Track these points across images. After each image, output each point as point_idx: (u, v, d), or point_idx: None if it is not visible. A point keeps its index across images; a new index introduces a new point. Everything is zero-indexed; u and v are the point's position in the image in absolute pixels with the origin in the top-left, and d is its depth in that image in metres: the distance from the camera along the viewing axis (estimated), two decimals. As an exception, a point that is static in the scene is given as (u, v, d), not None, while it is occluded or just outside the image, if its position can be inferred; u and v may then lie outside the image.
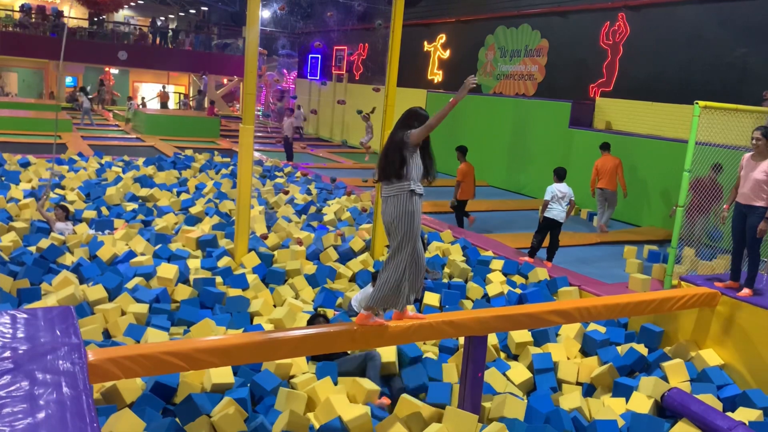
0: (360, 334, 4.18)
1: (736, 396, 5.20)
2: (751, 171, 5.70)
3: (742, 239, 5.87)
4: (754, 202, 5.66)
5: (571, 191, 8.49)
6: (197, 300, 6.41)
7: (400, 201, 4.06)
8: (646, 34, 12.80)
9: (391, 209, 4.08)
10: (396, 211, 4.06)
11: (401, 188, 4.07)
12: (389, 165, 4.09)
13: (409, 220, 4.05)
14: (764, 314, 5.44)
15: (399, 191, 4.07)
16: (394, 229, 4.09)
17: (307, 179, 13.76)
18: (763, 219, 5.60)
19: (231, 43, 31.81)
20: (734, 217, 5.92)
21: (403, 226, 4.05)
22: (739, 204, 5.81)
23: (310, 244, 8.36)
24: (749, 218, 5.69)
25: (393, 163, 4.07)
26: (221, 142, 20.84)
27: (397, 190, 4.07)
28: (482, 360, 4.65)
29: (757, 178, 5.63)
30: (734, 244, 5.99)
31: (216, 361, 3.82)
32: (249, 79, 7.34)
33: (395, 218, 4.06)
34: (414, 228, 4.07)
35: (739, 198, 5.83)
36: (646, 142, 11.92)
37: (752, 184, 5.66)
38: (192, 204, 10.11)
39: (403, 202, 4.06)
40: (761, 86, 10.63)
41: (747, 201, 5.72)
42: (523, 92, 15.99)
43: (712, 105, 7.03)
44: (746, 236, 5.76)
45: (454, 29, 18.63)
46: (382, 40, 19.07)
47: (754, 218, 5.66)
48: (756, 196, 5.65)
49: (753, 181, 5.65)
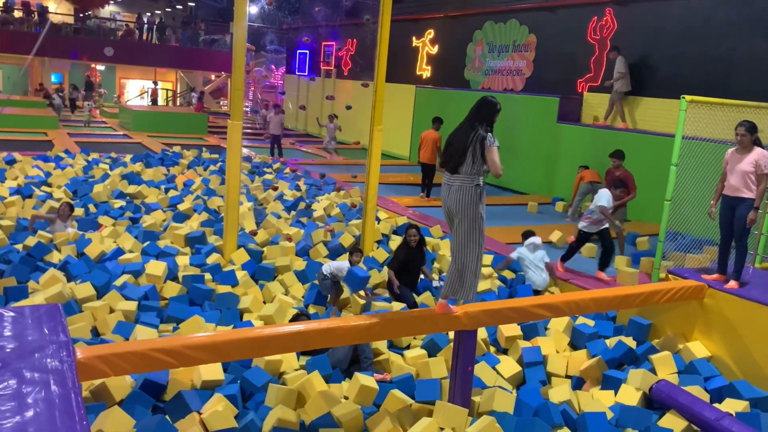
0: (349, 329, 4.18)
1: (723, 387, 5.26)
2: (737, 164, 5.76)
3: (730, 232, 5.93)
4: (742, 194, 5.73)
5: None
6: (186, 297, 6.39)
7: (466, 193, 4.17)
8: (633, 29, 12.85)
9: (455, 199, 4.20)
10: (463, 202, 4.17)
11: (469, 181, 4.18)
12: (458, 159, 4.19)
13: (476, 212, 4.18)
14: (750, 306, 5.50)
15: (464, 183, 4.19)
16: (458, 221, 4.21)
17: (296, 175, 13.73)
18: (751, 209, 5.66)
19: (218, 39, 31.66)
20: (722, 211, 5.98)
21: (466, 218, 4.18)
22: (727, 197, 5.87)
23: (300, 240, 8.34)
24: (737, 210, 5.77)
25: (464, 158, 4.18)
26: (209, 138, 20.75)
27: (463, 181, 4.19)
28: (472, 354, 4.66)
29: (744, 169, 5.70)
30: (722, 237, 6.05)
31: (205, 358, 3.81)
32: (237, 75, 7.30)
33: (461, 210, 4.18)
34: (478, 222, 4.20)
35: (726, 191, 5.89)
36: (634, 136, 11.98)
37: (739, 177, 5.73)
38: (180, 201, 10.07)
39: (470, 194, 4.17)
40: (747, 80, 10.72)
41: (734, 193, 5.78)
42: (511, 87, 16.02)
43: (699, 99, 7.08)
44: (734, 228, 5.82)
45: (442, 24, 18.62)
46: (370, 35, 19.04)
47: (742, 209, 5.73)
48: (744, 188, 5.72)
49: (740, 173, 5.72)
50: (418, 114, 18.01)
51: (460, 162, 4.20)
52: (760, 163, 5.64)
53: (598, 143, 12.38)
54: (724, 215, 5.95)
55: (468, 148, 4.18)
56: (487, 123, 4.29)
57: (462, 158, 4.19)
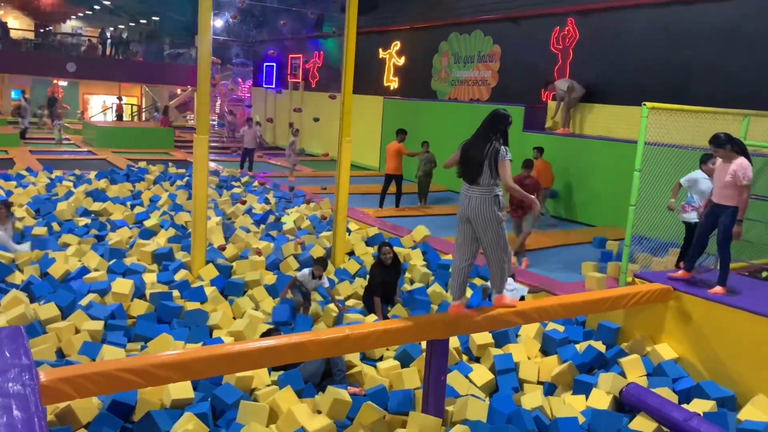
0: (320, 342, 4.16)
1: (690, 388, 5.35)
2: (720, 173, 5.90)
3: (707, 236, 6.10)
4: (725, 202, 5.85)
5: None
6: (154, 315, 6.29)
7: (485, 203, 4.48)
8: (594, 39, 13.13)
9: (475, 208, 4.50)
10: (484, 213, 4.48)
11: (488, 192, 4.48)
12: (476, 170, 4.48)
13: (498, 220, 4.49)
14: (714, 308, 5.61)
15: (482, 194, 4.49)
16: (483, 229, 4.52)
17: (265, 188, 13.64)
18: (734, 220, 5.79)
19: (183, 53, 31.40)
20: (707, 214, 6.14)
21: (489, 228, 4.49)
22: (713, 203, 6.03)
23: (270, 254, 8.28)
24: (720, 217, 5.90)
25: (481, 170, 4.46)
26: (176, 153, 20.52)
27: (482, 192, 4.49)
28: (444, 363, 4.67)
29: (725, 180, 5.82)
30: (698, 237, 6.17)
31: (174, 376, 3.74)
32: (202, 88, 7.24)
33: (484, 219, 4.49)
34: (500, 228, 4.52)
35: (713, 197, 6.05)
36: (598, 143, 12.20)
37: (721, 186, 5.88)
38: (146, 217, 9.92)
39: (490, 204, 4.47)
40: (706, 87, 11.02)
41: (718, 200, 5.93)
42: (477, 97, 16.20)
43: (659, 106, 7.25)
44: (717, 235, 5.95)
45: (408, 36, 18.77)
46: (337, 47, 19.11)
47: (723, 217, 5.87)
48: (725, 197, 5.84)
49: (722, 182, 5.87)
50: (386, 125, 18.09)
51: (478, 174, 4.47)
52: (738, 174, 5.68)
53: (564, 151, 12.58)
54: (707, 219, 6.09)
55: (484, 161, 4.44)
56: (501, 135, 4.54)
57: (479, 170, 4.46)
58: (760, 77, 10.30)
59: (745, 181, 5.67)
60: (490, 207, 4.47)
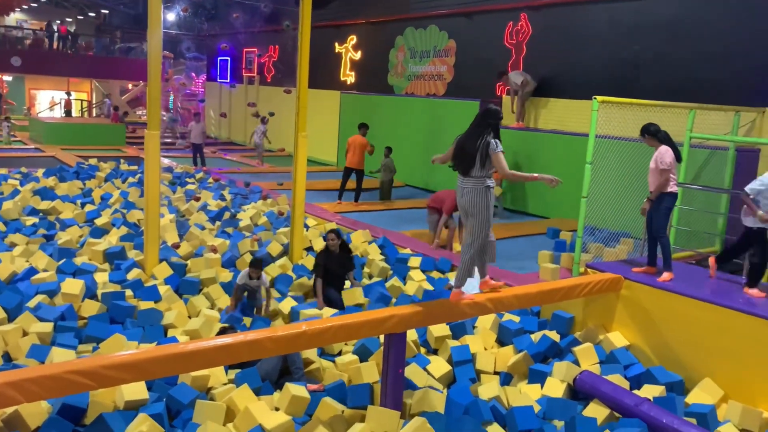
0: (277, 339, 4.13)
1: (641, 374, 5.49)
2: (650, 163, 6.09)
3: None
4: (652, 189, 6.05)
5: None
6: (106, 315, 6.14)
7: (478, 194, 4.72)
8: (547, 34, 13.34)
9: (468, 200, 4.75)
10: (476, 202, 4.72)
11: (480, 183, 4.71)
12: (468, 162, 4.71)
13: (486, 211, 4.74)
14: (662, 295, 5.77)
15: (476, 185, 4.72)
16: (472, 217, 4.77)
17: (220, 185, 13.44)
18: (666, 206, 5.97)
19: (135, 47, 30.64)
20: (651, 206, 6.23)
21: (479, 215, 4.74)
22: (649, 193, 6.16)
23: (226, 251, 8.17)
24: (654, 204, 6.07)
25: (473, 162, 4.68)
26: (128, 149, 20.06)
27: (474, 183, 4.72)
28: (402, 356, 4.69)
29: (651, 167, 6.06)
30: (648, 230, 6.33)
31: (127, 377, 3.66)
32: (153, 83, 7.09)
33: (475, 208, 4.73)
34: (489, 217, 4.78)
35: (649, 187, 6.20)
36: (550, 137, 12.41)
37: (650, 174, 6.08)
38: (98, 215, 9.67)
39: (481, 195, 4.72)
40: (654, 80, 11.31)
41: (650, 188, 6.11)
42: (434, 92, 16.28)
43: (609, 99, 7.42)
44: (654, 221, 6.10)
45: (364, 31, 18.73)
46: (291, 41, 18.91)
47: (656, 204, 6.04)
48: (652, 185, 6.05)
49: (650, 171, 6.08)
50: (344, 119, 18.03)
51: (470, 166, 4.71)
52: (657, 159, 5.95)
53: (518, 145, 12.75)
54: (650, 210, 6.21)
55: (476, 154, 4.67)
56: (492, 129, 4.76)
57: (472, 162, 4.70)
58: (705, 70, 10.63)
59: (662, 166, 5.89)
60: (482, 197, 4.72)
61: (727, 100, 9.66)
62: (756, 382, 5.08)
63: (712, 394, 5.18)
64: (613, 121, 7.73)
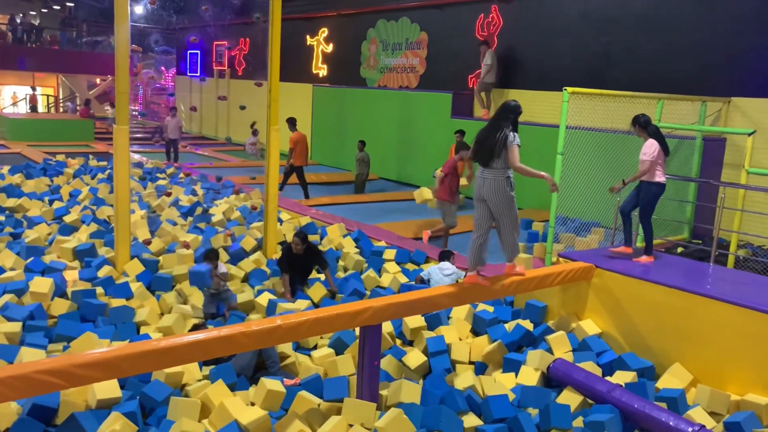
0: (250, 334, 4.10)
1: (613, 361, 5.58)
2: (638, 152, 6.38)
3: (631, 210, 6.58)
4: (641, 178, 6.33)
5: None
6: (77, 314, 6.05)
7: (497, 184, 5.01)
8: (517, 26, 13.41)
9: (488, 189, 5.04)
10: (498, 192, 5.02)
11: (501, 174, 5.01)
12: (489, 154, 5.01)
13: (510, 198, 5.06)
14: (632, 282, 5.86)
15: (496, 176, 5.01)
16: (495, 206, 5.07)
17: (191, 179, 13.28)
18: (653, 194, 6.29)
19: (102, 41, 30.04)
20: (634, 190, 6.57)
21: (507, 208, 5.07)
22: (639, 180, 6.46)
23: (198, 247, 8.09)
24: (640, 192, 6.39)
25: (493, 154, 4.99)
26: (97, 145, 19.69)
27: (494, 175, 5.02)
28: (377, 349, 4.70)
29: (640, 157, 6.31)
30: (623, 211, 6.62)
31: (98, 375, 3.61)
32: (121, 77, 6.97)
33: (497, 198, 5.04)
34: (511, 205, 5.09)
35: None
36: (521, 128, 12.46)
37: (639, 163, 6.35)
38: (66, 212, 9.49)
39: (503, 185, 5.01)
40: (624, 72, 11.45)
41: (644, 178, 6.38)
42: (406, 85, 16.27)
43: (579, 91, 7.49)
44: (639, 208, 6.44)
45: (336, 23, 18.63)
46: (262, 34, 18.71)
47: (642, 192, 6.36)
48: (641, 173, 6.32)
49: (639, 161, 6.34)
50: (317, 112, 17.94)
51: (490, 157, 5.01)
52: (642, 151, 6.25)
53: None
54: (632, 193, 6.56)
55: (495, 146, 4.97)
56: (511, 123, 5.07)
57: (491, 154, 4.99)
58: (673, 62, 10.79)
59: (644, 157, 6.20)
60: (502, 187, 5.00)
61: (694, 91, 9.83)
62: (724, 366, 5.19)
63: (681, 378, 5.28)
64: (584, 112, 7.81)
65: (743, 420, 4.65)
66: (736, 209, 8.36)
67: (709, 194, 9.46)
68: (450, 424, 4.46)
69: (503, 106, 5.17)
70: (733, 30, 10.06)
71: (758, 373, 4.99)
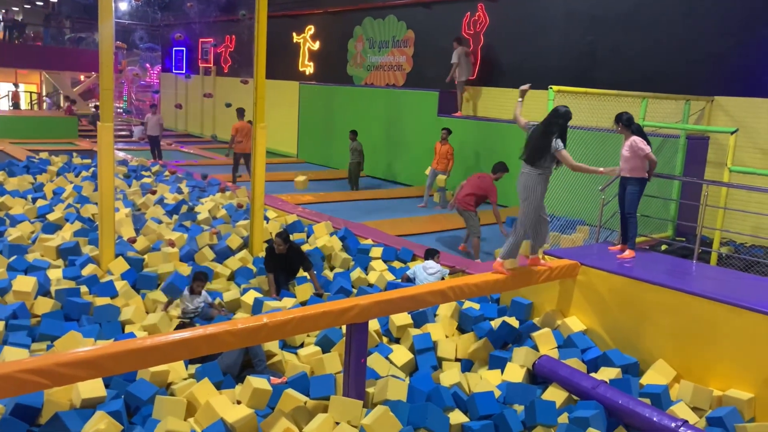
0: (236, 332, 4.09)
1: (597, 357, 5.62)
2: (622, 149, 6.52)
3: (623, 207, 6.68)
4: (627, 174, 6.48)
5: None
6: (61, 312, 5.99)
7: (530, 179, 5.50)
8: (504, 24, 13.45)
9: (522, 183, 5.57)
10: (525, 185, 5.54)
11: (534, 171, 5.49)
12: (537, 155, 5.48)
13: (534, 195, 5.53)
14: (617, 280, 5.91)
15: (531, 172, 5.51)
16: (524, 199, 5.56)
17: (177, 177, 13.20)
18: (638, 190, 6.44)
19: (86, 37, 29.72)
20: (619, 189, 6.71)
21: (531, 199, 5.53)
22: (621, 177, 6.61)
23: (184, 245, 8.04)
24: (627, 188, 6.53)
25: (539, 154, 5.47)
26: (80, 142, 19.51)
27: (530, 170, 5.51)
28: (364, 346, 4.70)
29: (624, 155, 6.47)
30: (621, 211, 6.74)
31: (83, 374, 3.58)
32: (105, 74, 6.92)
33: (524, 191, 5.54)
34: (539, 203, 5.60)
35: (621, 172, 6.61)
36: (508, 127, 12.54)
37: (623, 161, 6.50)
38: (50, 210, 9.39)
39: (533, 180, 5.50)
40: (609, 70, 11.53)
41: (623, 173, 6.55)
42: (393, 83, 16.27)
43: (565, 89, 7.53)
44: (625, 203, 6.57)
45: (322, 20, 18.58)
46: (248, 31, 18.63)
47: (629, 188, 6.49)
48: (628, 170, 6.47)
49: (623, 158, 6.50)
50: (303, 110, 17.89)
51: (537, 158, 5.47)
52: (635, 148, 6.34)
53: (477, 134, 12.87)
54: (620, 193, 6.69)
55: (543, 149, 5.43)
56: (558, 128, 5.48)
57: (538, 155, 5.47)
58: (656, 61, 10.88)
59: (646, 151, 6.33)
60: (534, 181, 5.48)
61: (678, 90, 9.93)
62: (706, 362, 5.25)
63: (665, 374, 5.33)
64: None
65: (725, 415, 4.71)
66: (719, 207, 8.45)
67: (692, 192, 9.55)
68: (436, 421, 4.47)
69: (553, 112, 5.55)
70: (715, 29, 10.16)
71: (740, 369, 5.06)
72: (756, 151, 9.65)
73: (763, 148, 9.61)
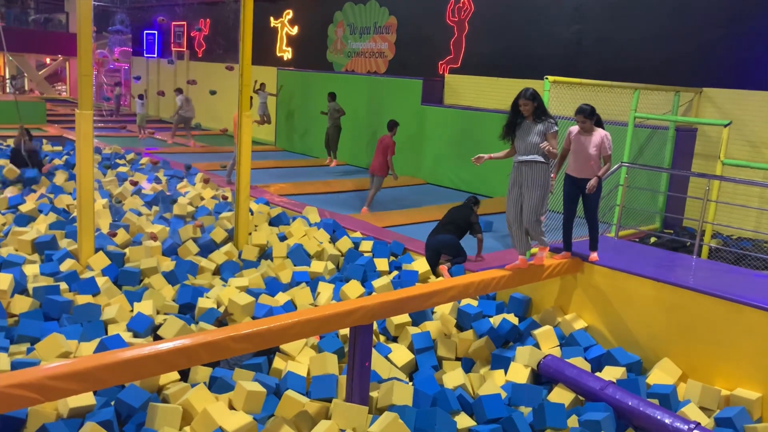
0: (239, 338, 3.86)
1: (601, 356, 5.53)
2: (581, 146, 5.73)
3: (574, 210, 5.97)
4: (588, 176, 5.73)
5: None
6: (40, 312, 5.66)
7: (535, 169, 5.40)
8: (488, 12, 13.24)
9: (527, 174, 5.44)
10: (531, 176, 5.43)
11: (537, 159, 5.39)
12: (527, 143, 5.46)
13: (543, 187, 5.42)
14: (619, 276, 5.81)
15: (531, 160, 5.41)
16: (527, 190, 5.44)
17: (152, 166, 12.75)
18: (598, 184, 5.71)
19: (52, 19, 28.73)
20: (566, 189, 5.95)
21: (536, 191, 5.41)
22: (573, 177, 5.85)
23: (166, 239, 7.72)
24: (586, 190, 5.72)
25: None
26: (49, 128, 18.82)
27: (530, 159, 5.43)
28: (369, 349, 4.51)
29: (590, 153, 5.68)
30: (566, 214, 6.04)
31: (77, 388, 3.31)
32: (83, 59, 6.54)
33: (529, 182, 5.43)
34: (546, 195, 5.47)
35: (572, 171, 5.85)
36: (493, 116, 12.37)
37: (585, 160, 5.72)
38: (21, 201, 8.94)
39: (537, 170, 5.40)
40: (595, 60, 11.42)
41: (581, 174, 5.77)
42: (375, 70, 15.98)
43: (561, 80, 7.36)
44: (586, 206, 5.87)
45: (301, 5, 18.14)
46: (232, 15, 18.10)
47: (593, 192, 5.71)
48: (589, 170, 5.72)
49: (585, 156, 5.71)
50: (281, 97, 17.49)
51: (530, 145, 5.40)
52: (604, 145, 5.67)
53: (462, 124, 12.69)
54: (569, 194, 5.93)
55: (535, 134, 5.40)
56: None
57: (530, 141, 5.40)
58: (645, 51, 10.80)
59: (610, 151, 5.71)
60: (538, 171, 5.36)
61: (665, 81, 9.86)
62: (712, 361, 5.18)
63: (671, 374, 5.25)
64: (554, 101, 7.66)
65: (734, 415, 4.65)
66: (719, 201, 8.30)
67: (680, 185, 9.50)
68: (444, 426, 4.32)
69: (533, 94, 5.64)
70: (703, 20, 10.10)
71: (748, 368, 4.99)
72: (743, 143, 9.65)
73: (751, 140, 9.61)
